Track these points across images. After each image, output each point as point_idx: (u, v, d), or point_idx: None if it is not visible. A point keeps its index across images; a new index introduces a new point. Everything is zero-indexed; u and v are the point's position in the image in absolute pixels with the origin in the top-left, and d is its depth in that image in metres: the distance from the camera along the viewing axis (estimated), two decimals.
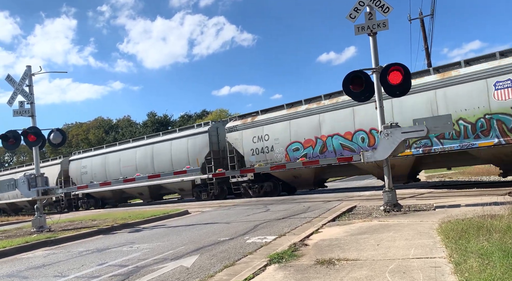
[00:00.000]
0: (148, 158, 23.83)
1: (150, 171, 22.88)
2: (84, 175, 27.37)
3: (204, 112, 57.58)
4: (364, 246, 5.65)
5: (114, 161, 25.73)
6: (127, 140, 27.80)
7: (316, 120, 17.01)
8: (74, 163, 28.53)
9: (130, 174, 23.13)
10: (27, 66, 12.97)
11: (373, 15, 9.16)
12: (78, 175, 27.78)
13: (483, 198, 9.24)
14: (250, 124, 19.47)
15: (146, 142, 24.64)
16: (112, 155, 26.11)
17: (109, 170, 25.91)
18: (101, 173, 26.24)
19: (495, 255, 3.97)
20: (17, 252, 8.93)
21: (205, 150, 21.13)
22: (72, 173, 28.27)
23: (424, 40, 26.62)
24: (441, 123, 8.62)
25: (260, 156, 18.90)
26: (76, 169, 28.05)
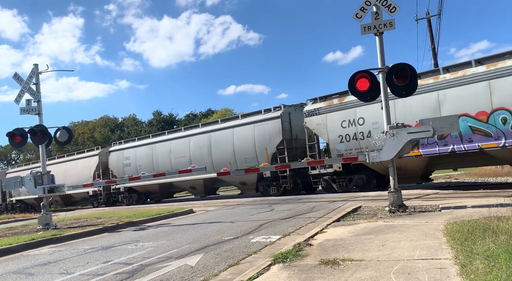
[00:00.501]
0: (205, 148, 21.34)
1: (206, 162, 20.57)
2: (127, 167, 25.00)
3: (209, 111, 57.68)
4: (369, 246, 5.63)
5: (164, 152, 23.26)
6: (178, 129, 25.38)
7: (433, 98, 14.02)
8: (115, 154, 26.26)
9: (183, 165, 21.06)
10: (34, 65, 13.06)
11: (379, 14, 9.12)
12: (120, 167, 25.50)
13: (489, 199, 9.17)
14: (338, 106, 16.64)
15: (202, 131, 22.02)
16: (160, 145, 23.66)
17: (158, 161, 23.49)
18: (147, 164, 23.83)
19: (501, 257, 3.94)
20: (23, 249, 9.01)
21: (276, 138, 18.51)
22: (113, 165, 26.17)
23: (431, 40, 26.45)
24: (447, 124, 8.56)
25: (351, 143, 16.11)
26: (117, 161, 25.93)
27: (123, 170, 25.18)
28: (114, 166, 26.18)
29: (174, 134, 23.70)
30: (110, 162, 26.50)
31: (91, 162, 27.41)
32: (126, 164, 25.28)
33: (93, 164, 27.18)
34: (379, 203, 11.03)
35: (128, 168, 24.98)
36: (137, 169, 24.16)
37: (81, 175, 27.32)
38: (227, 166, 19.78)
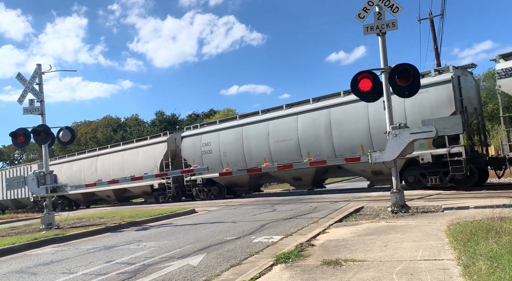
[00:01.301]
0: (321, 128, 16.68)
1: (324, 147, 16.60)
2: (207, 155, 20.98)
3: (212, 111, 57.70)
4: (371, 247, 5.62)
5: (259, 135, 18.98)
6: (277, 107, 19.40)
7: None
8: (189, 140, 22.18)
9: (287, 151, 17.41)
10: (37, 65, 13.11)
11: (382, 15, 9.11)
12: (197, 155, 21.46)
13: (493, 200, 9.14)
14: None
15: (317, 106, 17.12)
16: (253, 127, 19.44)
17: (250, 146, 19.28)
18: (235, 151, 19.83)
19: (504, 258, 3.93)
20: (26, 248, 9.04)
21: (444, 110, 13.72)
22: (187, 153, 22.16)
23: (434, 40, 26.37)
24: (450, 124, 8.54)
25: None
26: (193, 148, 21.87)
27: (201, 159, 21.12)
28: (188, 154, 22.09)
29: (274, 113, 19.04)
30: (183, 149, 22.44)
31: (157, 150, 23.73)
32: (205, 152, 21.06)
33: (160, 153, 23.50)
34: (381, 203, 11.01)
35: (208, 156, 20.89)
36: (220, 157, 20.37)
37: (144, 165, 23.87)
38: (357, 151, 15.64)
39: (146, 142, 25.12)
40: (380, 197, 13.52)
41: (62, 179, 28.24)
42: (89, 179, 25.47)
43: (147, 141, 25.24)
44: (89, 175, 27.07)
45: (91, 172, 27.20)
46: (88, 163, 27.96)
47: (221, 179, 20.70)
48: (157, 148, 23.90)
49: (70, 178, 27.68)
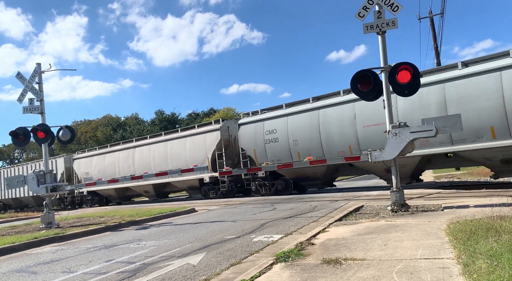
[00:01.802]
0: (432, 108, 13.54)
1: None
2: (271, 144, 18.23)
3: (212, 111, 57.71)
4: (371, 246, 5.62)
5: (342, 119, 15.90)
6: None
7: None
8: (249, 128, 19.44)
9: (378, 136, 13.91)
10: (37, 64, 13.09)
11: (382, 13, 9.10)
12: (259, 144, 18.67)
13: (492, 199, 9.15)
14: None
15: (425, 82, 12.97)
16: (333, 110, 16.34)
17: (329, 132, 16.15)
18: (309, 138, 16.84)
19: (504, 257, 3.93)
20: (26, 247, 9.05)
21: None
22: (246, 142, 19.62)
23: (434, 39, 26.38)
24: (450, 123, 8.54)
25: None
26: (254, 136, 19.13)
27: (263, 148, 18.40)
28: (247, 143, 19.44)
29: None
30: (241, 138, 19.83)
31: (209, 139, 21.33)
32: (269, 140, 18.23)
33: (211, 142, 21.06)
34: (381, 202, 11.01)
35: (273, 146, 18.07)
36: (289, 146, 17.55)
37: (192, 156, 21.74)
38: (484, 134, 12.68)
39: (194, 131, 22.53)
40: (380, 196, 13.53)
41: (93, 173, 27.48)
42: (125, 173, 24.46)
43: (195, 129, 22.64)
44: (125, 169, 25.31)
45: (128, 165, 25.29)
46: (123, 156, 25.88)
47: (287, 172, 17.43)
48: (208, 137, 21.37)
49: (102, 172, 26.47)
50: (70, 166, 29.64)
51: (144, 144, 25.03)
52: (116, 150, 26.99)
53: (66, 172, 29.33)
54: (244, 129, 19.79)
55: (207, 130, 21.67)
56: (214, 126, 21.56)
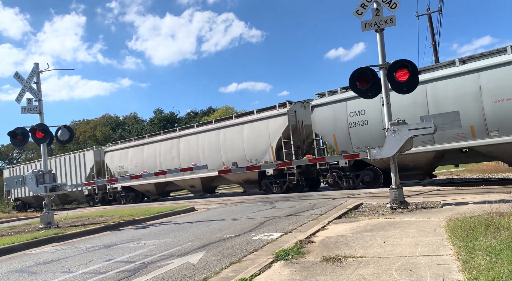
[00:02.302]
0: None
1: None
2: (357, 128, 15.67)
3: (210, 109, 57.70)
4: (370, 243, 5.63)
5: (463, 92, 13.24)
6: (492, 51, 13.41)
7: None
8: (326, 110, 16.76)
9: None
10: (34, 64, 13.07)
11: (380, 11, 9.09)
12: (341, 128, 16.15)
13: (491, 195, 9.16)
14: None
15: None
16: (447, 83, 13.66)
17: (441, 110, 12.46)
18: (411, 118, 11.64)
19: (503, 253, 3.93)
20: (26, 247, 9.04)
21: None
22: (321, 126, 17.01)
23: (432, 36, 26.38)
24: (449, 120, 8.55)
25: None
26: (332, 119, 16.46)
27: (347, 133, 15.95)
28: (324, 128, 16.92)
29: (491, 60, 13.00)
30: (316, 122, 17.23)
31: (273, 125, 18.69)
32: (355, 123, 15.68)
33: (277, 129, 18.50)
34: (380, 200, 11.03)
35: (360, 129, 15.58)
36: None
37: (250, 145, 19.43)
38: None
39: (253, 116, 19.74)
40: (379, 193, 13.54)
41: (128, 166, 25.20)
42: (168, 165, 22.21)
43: (255, 115, 19.81)
44: (169, 161, 22.79)
45: (172, 157, 22.85)
46: (166, 147, 23.38)
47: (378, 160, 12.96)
48: (272, 123, 18.72)
49: (141, 165, 23.91)
50: (101, 160, 27.50)
51: (191, 134, 22.34)
52: (156, 140, 24.16)
53: (96, 166, 27.39)
54: (320, 112, 16.93)
55: (270, 115, 18.92)
56: (279, 110, 18.70)
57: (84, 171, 27.94)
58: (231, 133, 20.41)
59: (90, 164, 27.63)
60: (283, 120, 18.46)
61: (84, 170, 27.98)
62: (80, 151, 29.24)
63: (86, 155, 28.03)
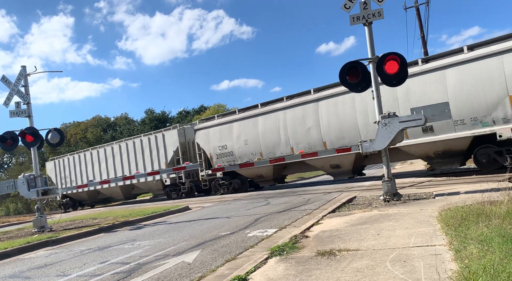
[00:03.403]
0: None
1: None
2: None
3: (202, 108, 57.47)
4: (364, 236, 5.66)
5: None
6: None
7: None
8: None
9: None
10: (22, 67, 12.89)
11: (368, 4, 9.11)
12: None
13: (482, 184, 9.26)
14: None
15: None
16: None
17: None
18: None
19: (494, 241, 3.98)
20: (19, 252, 8.95)
21: None
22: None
23: (420, 28, 26.50)
24: (438, 111, 8.62)
25: None
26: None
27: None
28: None
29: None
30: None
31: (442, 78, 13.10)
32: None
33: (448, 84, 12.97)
34: (373, 192, 11.10)
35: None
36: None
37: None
38: None
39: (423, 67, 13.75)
40: (372, 186, 13.63)
41: (234, 146, 19.33)
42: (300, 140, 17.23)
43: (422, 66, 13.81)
44: (301, 134, 17.29)
45: (306, 128, 17.11)
46: (295, 115, 17.40)
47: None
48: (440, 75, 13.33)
49: (253, 143, 18.75)
50: (186, 141, 22.60)
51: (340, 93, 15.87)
52: (278, 109, 18.05)
53: (181, 148, 22.24)
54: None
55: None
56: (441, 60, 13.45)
57: (164, 155, 22.73)
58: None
59: (173, 146, 22.43)
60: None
61: (164, 154, 22.74)
62: (156, 132, 23.91)
63: (166, 136, 22.70)
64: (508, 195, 6.02)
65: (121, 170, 25.31)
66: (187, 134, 22.72)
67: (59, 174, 29.90)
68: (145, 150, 23.88)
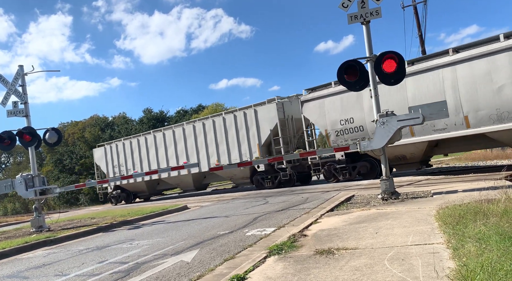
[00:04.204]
0: None
1: None
2: None
3: (200, 107, 57.42)
4: (362, 234, 5.67)
5: None
6: None
7: None
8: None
9: None
10: (19, 66, 12.84)
11: (365, 3, 9.11)
12: None
13: (480, 183, 9.29)
14: None
15: None
16: None
17: None
18: None
19: (492, 239, 4.00)
20: (17, 252, 8.93)
21: None
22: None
23: (418, 27, 26.54)
24: (436, 110, 8.64)
25: None
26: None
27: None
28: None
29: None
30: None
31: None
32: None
33: None
34: (372, 191, 11.12)
35: None
36: None
37: None
38: None
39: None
40: (371, 185, 13.65)
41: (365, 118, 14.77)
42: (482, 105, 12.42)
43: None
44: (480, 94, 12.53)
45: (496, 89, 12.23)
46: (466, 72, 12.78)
47: None
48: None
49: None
50: (285, 117, 18.70)
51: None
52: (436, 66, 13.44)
53: (280, 124, 18.25)
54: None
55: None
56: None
57: (256, 135, 18.98)
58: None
59: (269, 124, 18.61)
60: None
61: (256, 134, 18.98)
62: (244, 108, 19.97)
63: (259, 113, 18.90)
64: (505, 194, 6.04)
65: (195, 155, 21.11)
66: (286, 109, 19.00)
67: (110, 162, 25.58)
68: (229, 130, 20.08)
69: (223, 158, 20.28)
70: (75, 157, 51.83)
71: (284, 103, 18.97)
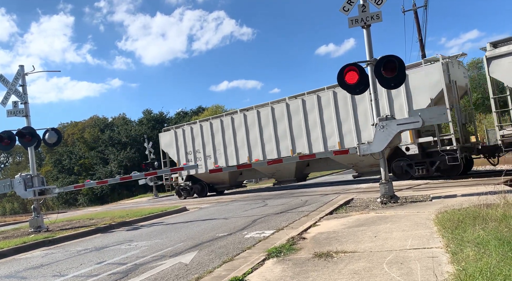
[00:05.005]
0: None
1: None
2: None
3: (200, 108, 57.43)
4: (361, 238, 5.67)
5: None
6: None
7: None
8: None
9: None
10: (19, 66, 12.86)
11: (366, 7, 9.14)
12: None
13: (479, 187, 9.28)
14: None
15: None
16: None
17: None
18: None
19: (491, 244, 4.00)
20: (15, 252, 8.90)
21: None
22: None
23: (418, 31, 26.61)
24: (436, 114, 8.64)
25: None
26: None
27: None
28: None
29: None
30: None
31: None
32: None
33: None
34: (371, 194, 11.11)
35: None
36: None
37: None
38: None
39: None
40: (370, 188, 13.65)
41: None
42: None
43: None
44: None
45: None
46: None
47: None
48: None
49: None
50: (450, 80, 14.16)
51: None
52: None
53: (447, 91, 13.82)
54: None
55: None
56: None
57: (405, 108, 14.40)
58: None
59: (429, 91, 14.22)
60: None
61: (405, 107, 14.47)
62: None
63: (412, 78, 14.35)
64: (504, 198, 6.05)
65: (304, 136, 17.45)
66: (455, 69, 14.84)
67: (182, 148, 21.95)
68: (360, 103, 15.81)
69: (348, 139, 16.13)
70: (75, 157, 51.81)
71: (449, 64, 14.24)
